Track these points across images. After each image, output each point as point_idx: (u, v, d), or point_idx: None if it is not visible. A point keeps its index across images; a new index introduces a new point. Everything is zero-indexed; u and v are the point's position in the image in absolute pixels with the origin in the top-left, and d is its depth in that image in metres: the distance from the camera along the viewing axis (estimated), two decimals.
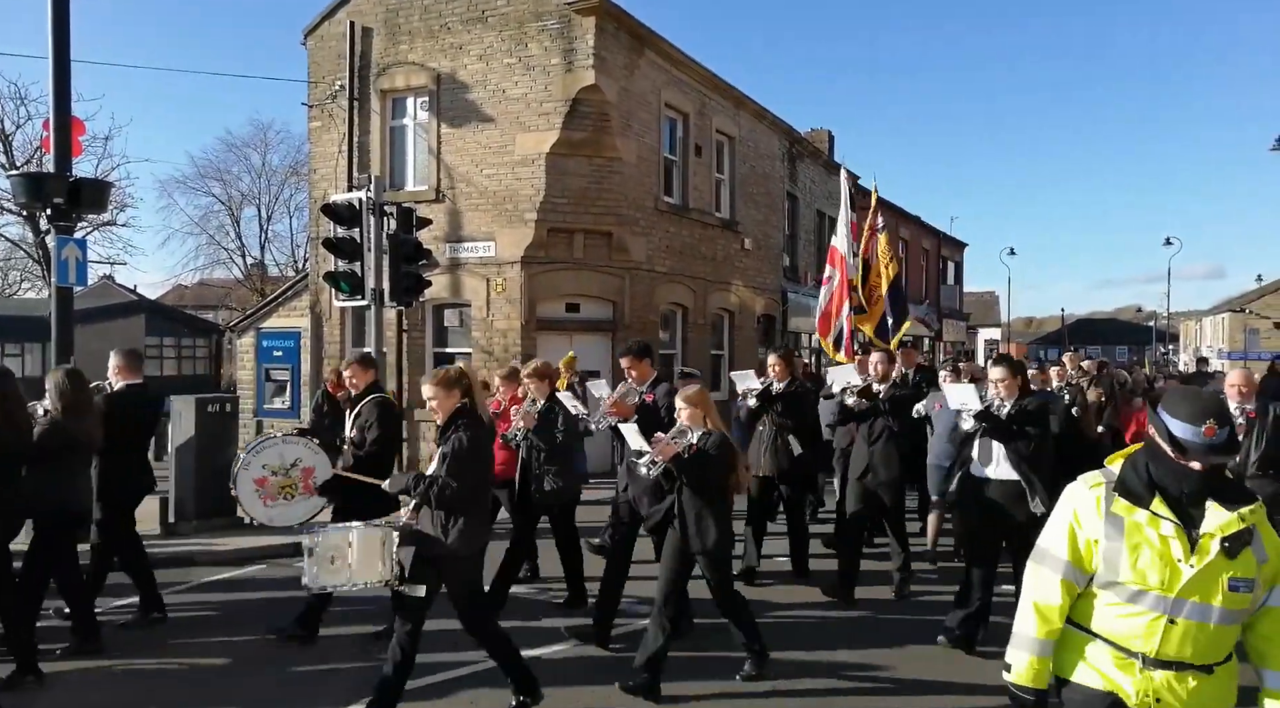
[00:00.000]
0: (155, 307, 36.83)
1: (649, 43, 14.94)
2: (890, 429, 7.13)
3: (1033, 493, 5.72)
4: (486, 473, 4.77)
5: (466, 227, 14.21)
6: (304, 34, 15.62)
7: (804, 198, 22.81)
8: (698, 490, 5.02)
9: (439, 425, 4.59)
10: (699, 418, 5.12)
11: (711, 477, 5.03)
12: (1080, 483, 2.69)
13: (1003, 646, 2.87)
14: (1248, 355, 37.03)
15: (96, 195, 9.07)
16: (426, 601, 4.45)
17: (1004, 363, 6.20)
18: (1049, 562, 2.68)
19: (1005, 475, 5.82)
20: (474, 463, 4.44)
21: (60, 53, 8.76)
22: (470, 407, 4.57)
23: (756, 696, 5.08)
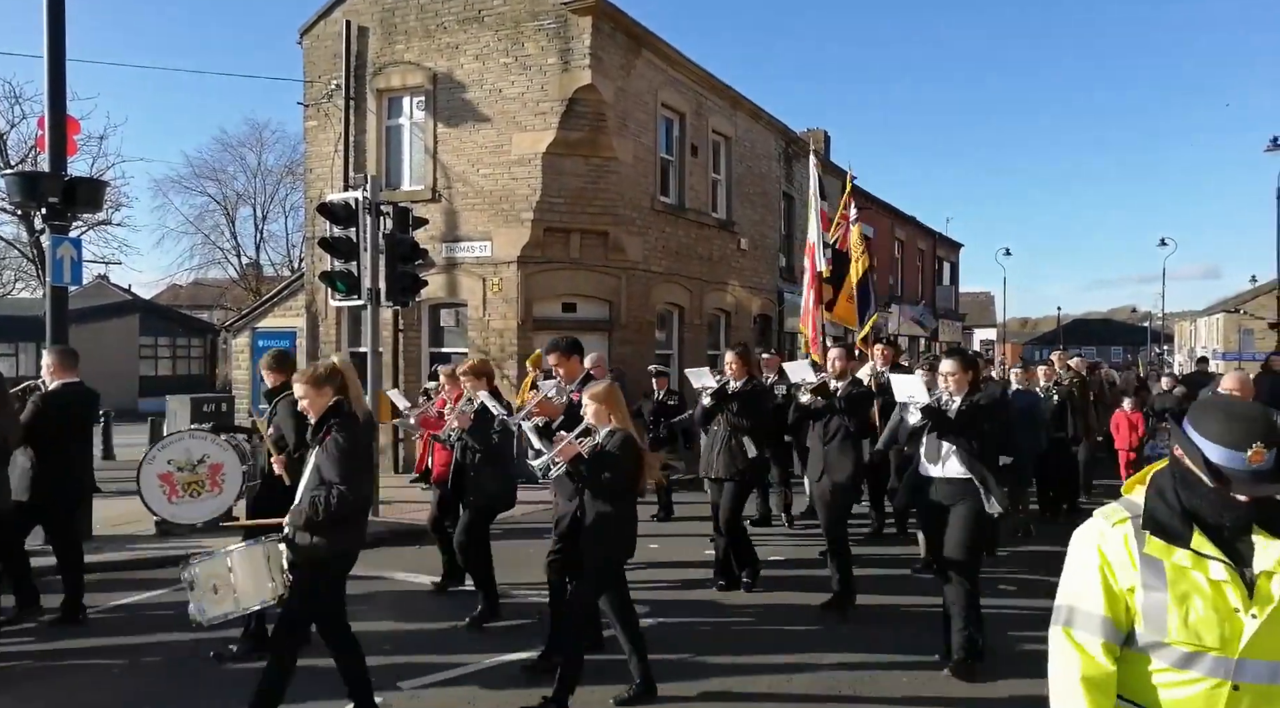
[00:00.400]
0: (150, 306, 36.75)
1: (645, 43, 14.93)
2: (846, 428, 6.81)
3: (988, 493, 5.34)
4: (367, 472, 4.49)
5: (463, 226, 14.19)
6: (300, 33, 15.59)
7: (800, 198, 22.81)
8: (597, 493, 4.78)
9: (310, 426, 4.38)
10: (604, 416, 4.86)
11: (614, 478, 4.74)
12: (1099, 519, 2.20)
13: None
14: (1242, 356, 37.14)
15: (91, 194, 9.05)
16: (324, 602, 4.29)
17: (955, 356, 5.89)
18: (1081, 620, 2.13)
19: (954, 474, 5.44)
20: (356, 462, 4.23)
21: (55, 52, 8.73)
22: (344, 404, 4.34)
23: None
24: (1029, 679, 4.93)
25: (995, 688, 5.19)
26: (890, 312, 30.48)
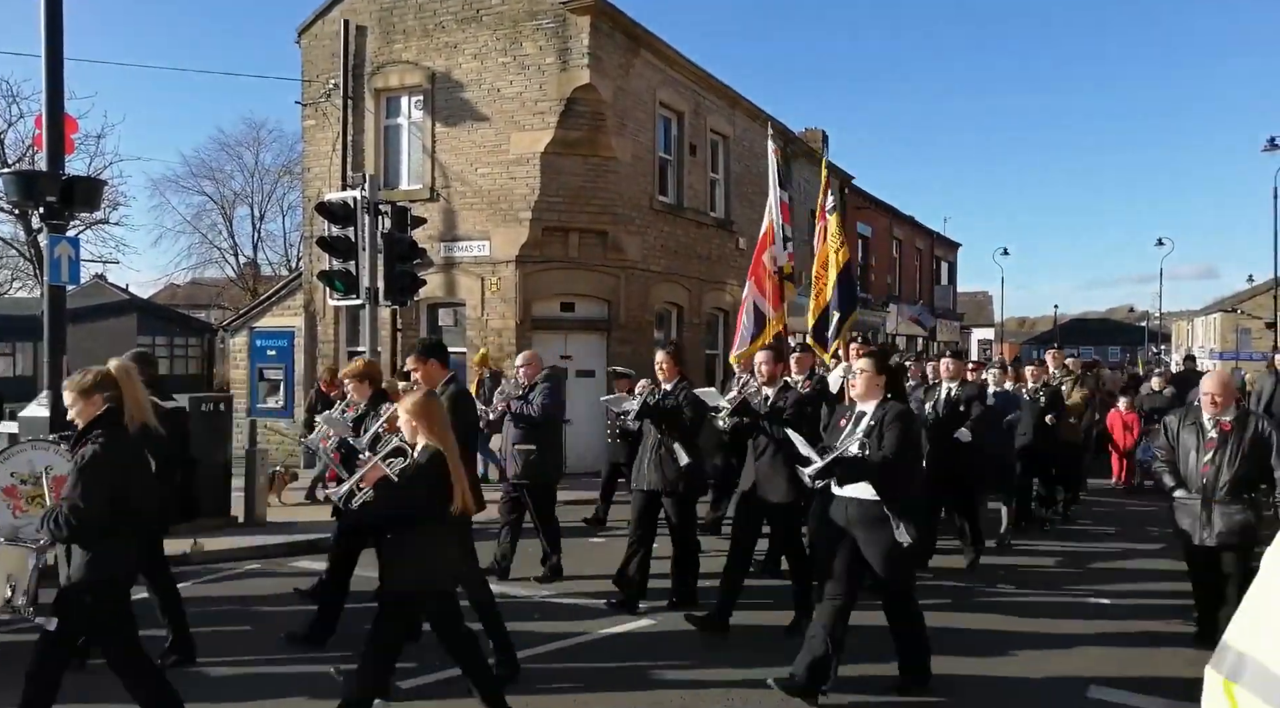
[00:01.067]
0: (148, 306, 36.71)
1: (644, 42, 14.93)
2: (777, 442, 6.05)
3: (896, 520, 4.70)
4: (128, 488, 4.08)
5: (461, 226, 14.19)
6: (298, 32, 15.58)
7: (798, 198, 22.81)
8: (394, 518, 4.30)
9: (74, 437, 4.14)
10: (413, 431, 4.31)
11: (415, 502, 4.22)
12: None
13: None
14: (1239, 355, 37.16)
15: (89, 193, 9.01)
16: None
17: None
18: (1253, 680, 1.53)
19: (861, 495, 4.83)
20: (106, 478, 3.92)
21: (53, 51, 8.69)
22: (113, 414, 4.08)
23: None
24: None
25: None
26: (889, 311, 30.50)
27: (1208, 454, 5.66)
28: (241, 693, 5.07)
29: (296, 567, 8.15)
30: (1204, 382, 5.90)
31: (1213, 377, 5.95)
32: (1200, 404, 5.87)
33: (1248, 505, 5.61)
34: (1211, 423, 5.70)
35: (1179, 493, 5.80)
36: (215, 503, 9.61)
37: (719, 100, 17.80)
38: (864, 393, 4.95)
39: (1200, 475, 5.67)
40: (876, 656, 5.35)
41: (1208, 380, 5.87)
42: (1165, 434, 5.98)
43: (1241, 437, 5.61)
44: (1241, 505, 5.59)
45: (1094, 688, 5.14)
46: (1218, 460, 5.62)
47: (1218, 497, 5.60)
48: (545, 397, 7.34)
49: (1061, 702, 5.05)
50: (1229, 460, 5.58)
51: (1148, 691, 5.14)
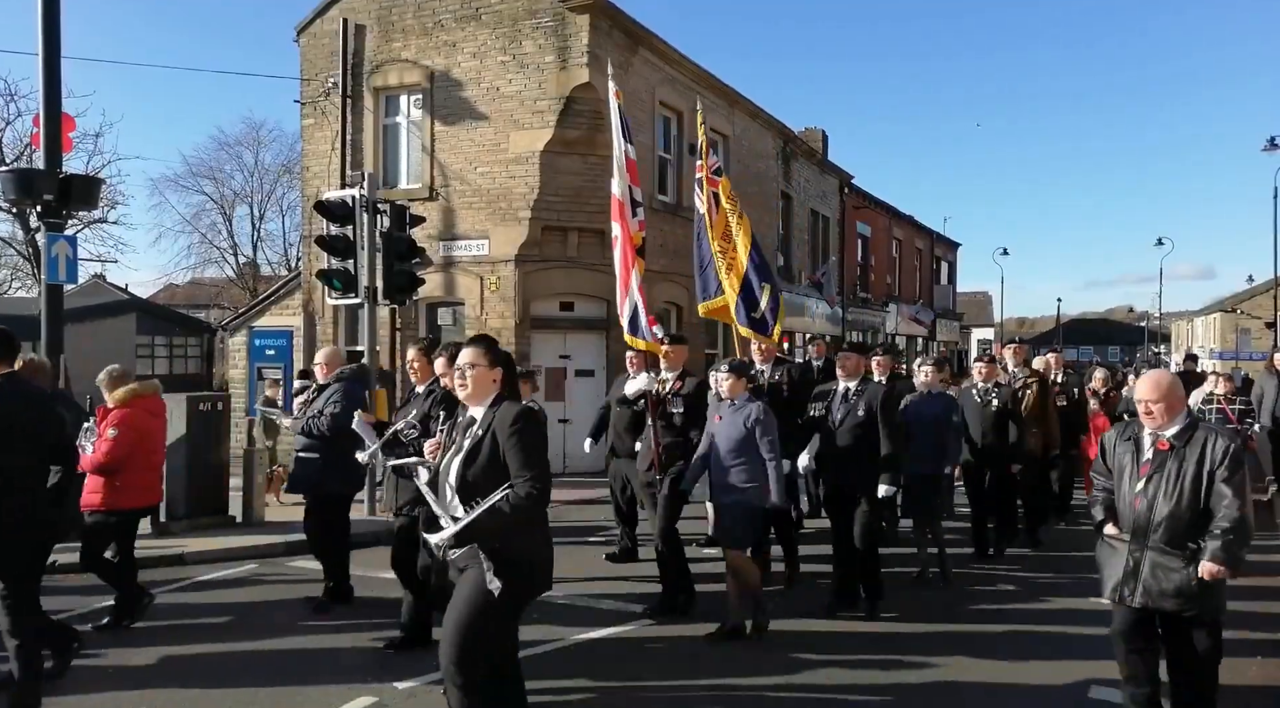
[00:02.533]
0: (146, 305, 36.58)
1: (643, 41, 14.91)
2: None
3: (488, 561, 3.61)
4: None
5: (460, 225, 14.17)
6: (297, 31, 15.55)
7: (798, 197, 22.81)
8: None
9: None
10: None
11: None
12: None
13: None
14: (1239, 355, 37.17)
15: (87, 192, 9.00)
16: None
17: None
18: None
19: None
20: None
21: (51, 49, 8.68)
22: None
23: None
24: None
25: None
26: (889, 311, 30.48)
27: (1140, 482, 4.19)
28: (242, 693, 5.05)
29: (294, 567, 8.12)
30: (1138, 385, 4.34)
31: (1148, 379, 4.32)
32: (1137, 413, 4.36)
33: (1191, 557, 4.04)
34: (1150, 440, 4.23)
35: (1108, 530, 4.34)
36: (213, 502, 9.59)
37: (718, 99, 17.78)
38: (474, 393, 3.71)
39: (1131, 510, 4.21)
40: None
41: (1141, 384, 4.31)
42: (1102, 453, 4.52)
43: (1183, 459, 4.10)
44: (1183, 556, 4.05)
45: (1095, 688, 5.11)
46: (1151, 491, 4.14)
47: (1151, 541, 4.12)
48: (336, 406, 6.41)
49: (1062, 702, 5.03)
50: (1166, 491, 4.10)
51: None
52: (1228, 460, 4.02)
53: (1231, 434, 4.24)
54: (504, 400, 3.69)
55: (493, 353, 3.76)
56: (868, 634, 6.13)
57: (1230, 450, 4.03)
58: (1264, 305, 38.12)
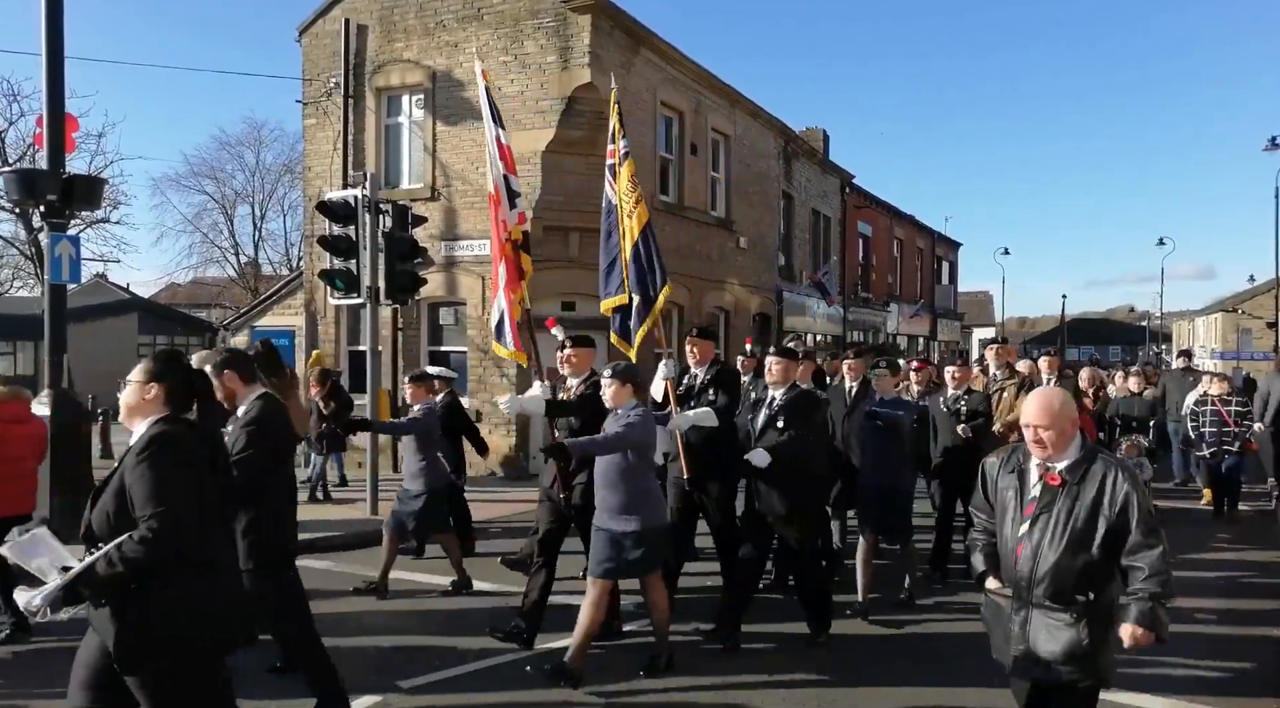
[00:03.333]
0: (148, 305, 36.69)
1: (645, 41, 14.92)
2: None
3: None
4: None
5: (462, 225, 14.18)
6: (299, 31, 15.57)
7: (799, 197, 22.83)
8: None
9: None
10: None
11: None
12: None
13: None
14: (1240, 355, 37.15)
15: (90, 192, 9.03)
16: None
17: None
18: None
19: None
20: None
21: (54, 49, 8.71)
22: None
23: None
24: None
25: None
26: (889, 311, 30.48)
27: (1024, 524, 3.40)
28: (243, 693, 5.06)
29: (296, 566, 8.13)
30: (1024, 405, 3.47)
31: (1037, 399, 3.43)
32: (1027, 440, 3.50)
33: (1083, 612, 3.29)
34: (1038, 473, 3.42)
35: (990, 584, 3.59)
36: None
37: (719, 99, 17.79)
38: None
39: (1013, 558, 3.43)
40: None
41: (1029, 403, 3.44)
42: (983, 482, 3.67)
43: (1076, 497, 3.31)
44: (1072, 614, 3.30)
45: None
46: (1036, 536, 3.35)
47: (1034, 596, 3.36)
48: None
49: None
50: (1053, 536, 3.31)
51: (1150, 689, 5.13)
52: (1134, 504, 3.24)
53: (1135, 466, 3.88)
54: (169, 423, 3.08)
55: (156, 366, 3.18)
56: (865, 637, 6.14)
57: (1131, 496, 3.25)
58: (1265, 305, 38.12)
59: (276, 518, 4.52)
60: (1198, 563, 8.27)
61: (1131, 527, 3.24)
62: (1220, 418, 10.38)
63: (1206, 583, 7.57)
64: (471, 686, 5.15)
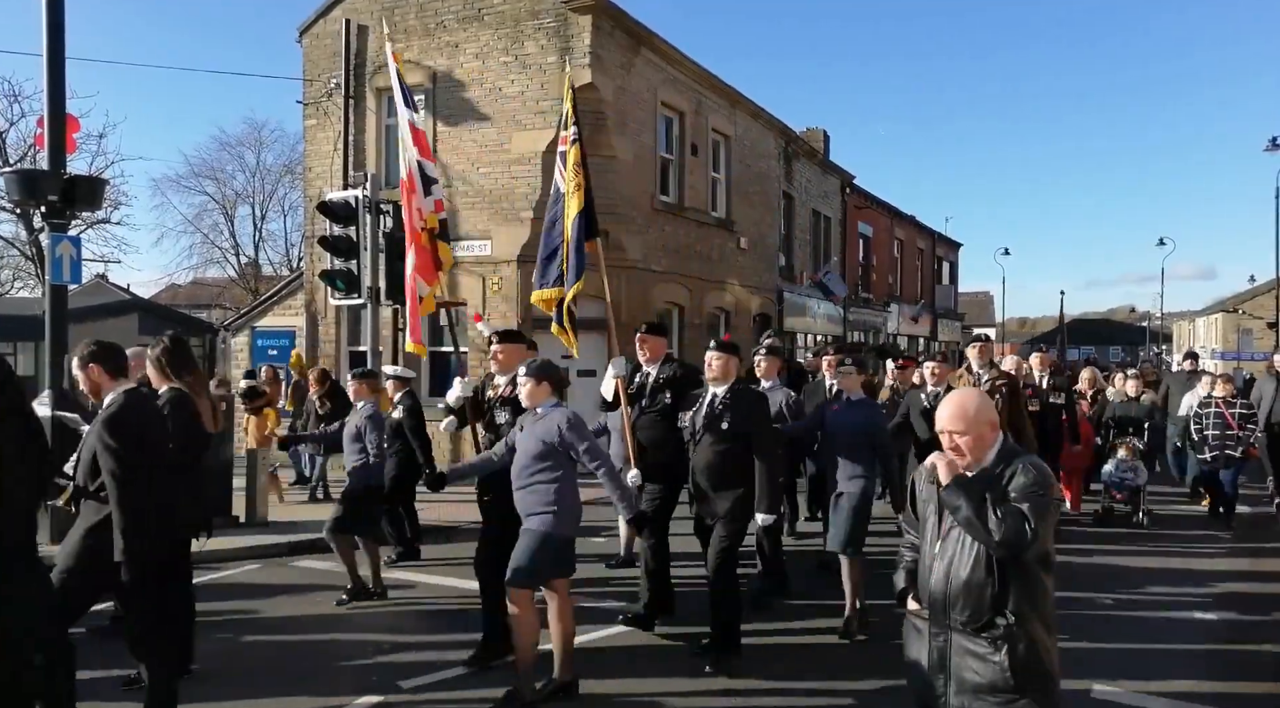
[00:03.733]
0: (149, 305, 36.60)
1: (645, 41, 14.92)
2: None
3: None
4: None
5: (463, 225, 14.18)
6: (299, 31, 15.58)
7: (800, 197, 22.83)
8: None
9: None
10: None
11: None
12: None
13: None
14: (1241, 356, 37.14)
15: (91, 192, 9.01)
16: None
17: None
18: None
19: None
20: None
21: (54, 50, 8.70)
22: None
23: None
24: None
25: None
26: (890, 311, 30.47)
27: (939, 542, 3.10)
28: (245, 693, 5.07)
29: (298, 567, 8.15)
30: (939, 410, 3.16)
31: (950, 402, 3.14)
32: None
33: (1005, 638, 2.94)
34: (925, 492, 3.21)
35: (910, 605, 3.28)
36: (217, 502, 9.60)
37: (720, 99, 17.79)
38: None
39: (929, 576, 3.12)
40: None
41: (942, 408, 3.14)
42: (910, 496, 3.35)
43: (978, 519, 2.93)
44: (992, 642, 2.95)
45: (1096, 686, 5.13)
46: (950, 551, 3.03)
47: (952, 620, 3.03)
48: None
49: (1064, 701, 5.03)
50: (964, 550, 2.99)
51: (1151, 689, 5.13)
52: (1027, 494, 2.92)
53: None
54: None
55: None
56: (865, 638, 6.13)
57: (1027, 488, 2.94)
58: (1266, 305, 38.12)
59: (160, 511, 4.39)
60: (1198, 564, 8.27)
61: (1025, 536, 2.86)
62: (1224, 421, 10.11)
63: (1206, 584, 7.57)
64: (471, 685, 5.15)
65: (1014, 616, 2.94)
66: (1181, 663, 5.62)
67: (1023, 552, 2.88)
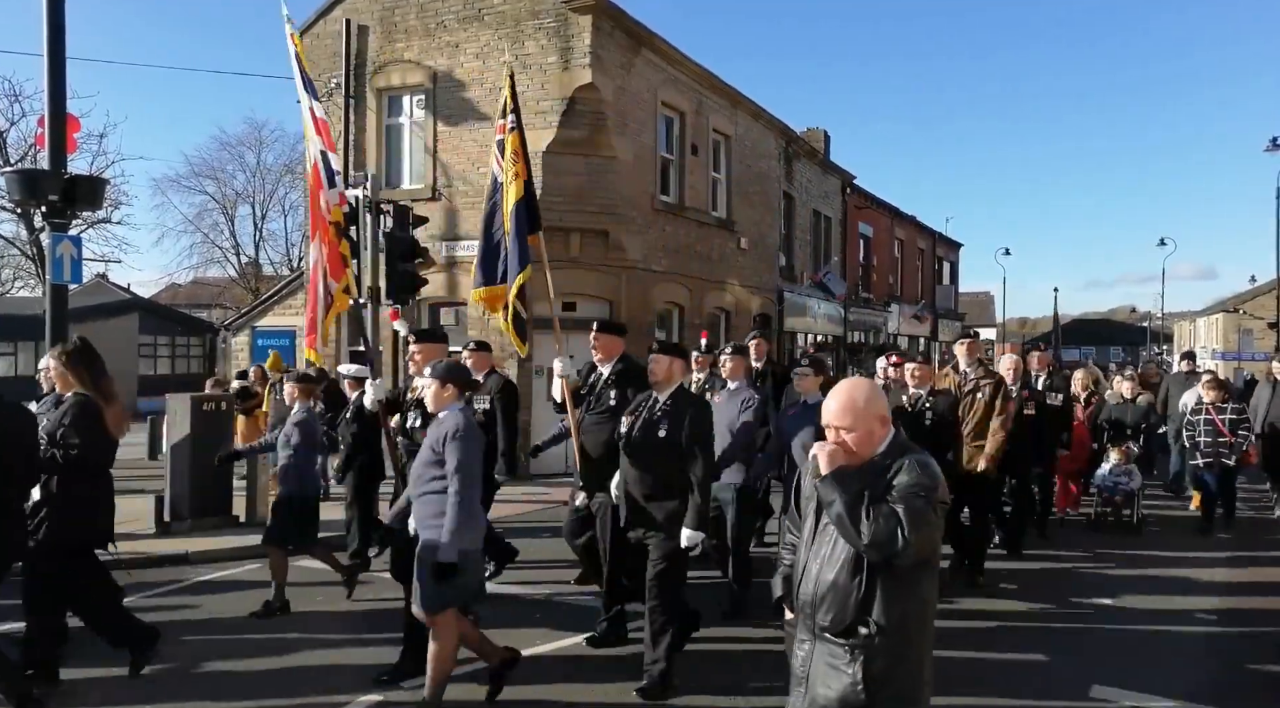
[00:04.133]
0: (149, 305, 36.69)
1: (646, 41, 14.92)
2: None
3: None
4: None
5: (463, 225, 14.19)
6: (300, 31, 15.58)
7: (800, 197, 22.83)
8: None
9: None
10: None
11: None
12: None
13: None
14: (1241, 356, 37.11)
15: (91, 192, 9.01)
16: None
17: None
18: None
19: None
20: None
21: (55, 49, 8.69)
22: None
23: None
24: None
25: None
26: (890, 311, 30.47)
27: (814, 541, 2.90)
28: (245, 692, 5.07)
29: (298, 566, 8.13)
30: (825, 403, 2.93)
31: (836, 394, 2.90)
32: None
33: (864, 646, 2.71)
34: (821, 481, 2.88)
35: (788, 614, 3.13)
36: (217, 502, 9.61)
37: (720, 99, 17.79)
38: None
39: (801, 580, 2.92)
40: None
41: (828, 401, 2.92)
42: (795, 495, 3.15)
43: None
44: (850, 649, 2.73)
45: (1096, 687, 5.13)
46: (823, 551, 2.84)
47: (817, 624, 2.81)
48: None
49: (1063, 700, 5.04)
50: (833, 549, 2.79)
51: (1150, 690, 5.13)
52: (909, 497, 2.68)
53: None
54: None
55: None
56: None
57: (909, 488, 2.70)
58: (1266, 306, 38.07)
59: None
60: (1198, 564, 8.26)
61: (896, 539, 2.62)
62: (1215, 427, 9.72)
63: (1206, 584, 7.57)
64: (472, 684, 5.15)
65: (878, 625, 2.70)
66: (1180, 665, 5.62)
67: (894, 558, 2.64)
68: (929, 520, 2.66)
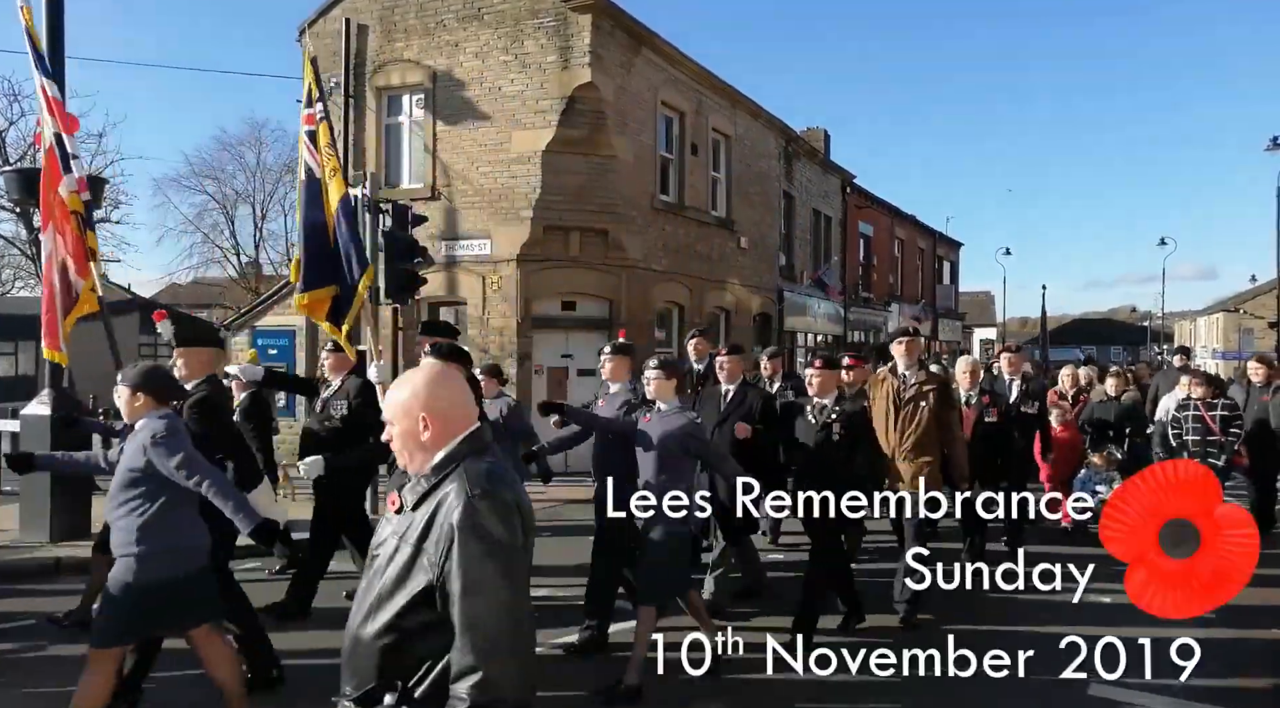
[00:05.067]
0: (149, 305, 36.67)
1: (646, 41, 14.93)
2: None
3: None
4: None
5: (462, 224, 14.19)
6: (299, 31, 15.59)
7: (800, 197, 22.83)
8: None
9: None
10: None
11: None
12: None
13: None
14: (1242, 355, 37.14)
15: (91, 192, 9.02)
16: None
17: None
18: None
19: None
20: None
21: (54, 49, 8.71)
22: None
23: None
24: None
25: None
26: (890, 311, 30.48)
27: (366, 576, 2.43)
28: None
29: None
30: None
31: (395, 383, 2.34)
32: None
33: None
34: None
35: None
36: None
37: (720, 99, 17.79)
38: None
39: None
40: None
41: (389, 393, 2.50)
42: None
43: (403, 535, 2.19)
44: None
45: (1095, 686, 5.12)
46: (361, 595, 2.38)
47: (346, 691, 2.48)
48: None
49: (1063, 700, 5.03)
50: (364, 595, 2.34)
51: (1150, 689, 5.11)
52: (458, 553, 1.98)
53: (472, 500, 1.98)
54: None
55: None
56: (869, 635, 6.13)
57: (458, 536, 1.98)
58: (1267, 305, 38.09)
59: None
60: None
61: (452, 596, 1.94)
62: (1204, 425, 9.06)
63: None
64: None
65: (400, 685, 2.11)
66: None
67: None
68: (494, 565, 2.02)
